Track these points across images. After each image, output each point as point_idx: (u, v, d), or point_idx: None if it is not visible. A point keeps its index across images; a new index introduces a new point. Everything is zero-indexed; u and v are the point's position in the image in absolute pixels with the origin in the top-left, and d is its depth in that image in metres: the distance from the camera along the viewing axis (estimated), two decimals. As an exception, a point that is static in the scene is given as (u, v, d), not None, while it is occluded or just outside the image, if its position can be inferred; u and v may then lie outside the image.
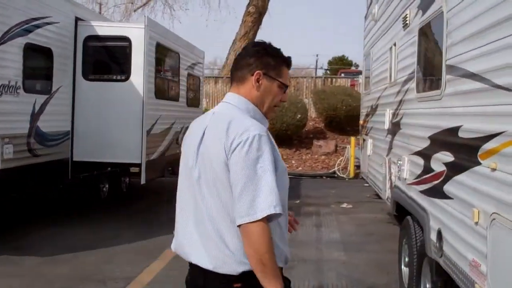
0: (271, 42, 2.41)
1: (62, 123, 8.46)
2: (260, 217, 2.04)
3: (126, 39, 8.74)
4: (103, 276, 6.04)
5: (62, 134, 8.43)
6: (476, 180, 3.10)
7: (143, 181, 8.77)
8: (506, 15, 2.76)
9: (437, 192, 3.97)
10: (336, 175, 15.29)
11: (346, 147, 16.06)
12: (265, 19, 21.88)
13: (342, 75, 23.34)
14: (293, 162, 16.34)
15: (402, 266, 5.65)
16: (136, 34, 8.69)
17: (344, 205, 10.71)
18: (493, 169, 2.83)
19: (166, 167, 10.52)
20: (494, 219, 2.81)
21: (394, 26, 6.17)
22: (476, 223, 3.08)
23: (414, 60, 4.92)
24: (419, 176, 4.59)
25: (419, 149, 4.62)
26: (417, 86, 4.82)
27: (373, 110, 7.74)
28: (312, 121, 18.05)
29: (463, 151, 3.38)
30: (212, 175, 2.21)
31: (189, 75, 11.82)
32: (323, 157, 16.59)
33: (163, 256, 6.94)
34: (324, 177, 15.19)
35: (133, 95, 8.70)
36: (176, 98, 10.88)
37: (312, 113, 18.13)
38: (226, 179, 2.16)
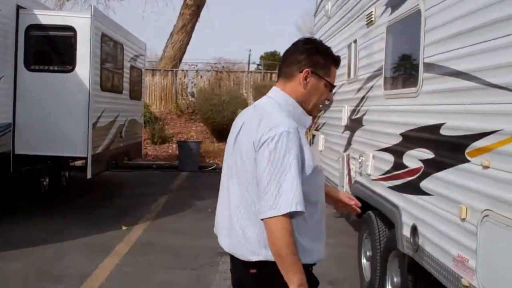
0: (322, 41, 2.43)
1: (2, 115, 8.04)
2: (281, 213, 2.11)
3: (71, 28, 8.42)
4: (57, 273, 5.81)
5: (3, 126, 8.01)
6: (464, 177, 3.16)
7: (89, 175, 8.50)
8: (494, 17, 2.83)
9: (411, 188, 4.02)
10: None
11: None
12: (203, 12, 21.68)
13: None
14: (233, 156, 16.27)
15: (363, 260, 5.74)
16: (81, 24, 8.39)
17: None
18: (486, 167, 2.89)
19: (110, 160, 10.23)
20: (487, 215, 2.86)
21: (354, 23, 6.22)
22: (463, 220, 3.14)
23: (381, 57, 4.97)
24: (388, 172, 4.65)
25: (387, 145, 4.67)
26: (385, 83, 4.88)
27: (326, 106, 7.79)
28: (252, 115, 18.04)
29: (446, 148, 3.44)
30: (242, 167, 2.31)
31: (132, 67, 11.53)
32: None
33: (115, 252, 6.77)
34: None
35: (79, 87, 8.41)
36: (120, 91, 10.60)
37: (251, 107, 18.11)
38: (253, 173, 2.25)
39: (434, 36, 3.70)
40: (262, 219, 2.17)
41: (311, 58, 2.36)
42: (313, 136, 9.04)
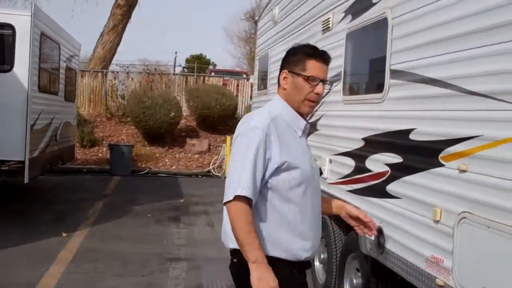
0: (306, 44, 2.56)
1: None
2: (230, 198, 2.35)
3: (9, 26, 8.06)
4: (2, 282, 5.52)
5: None
6: (438, 181, 3.27)
7: (26, 179, 8.16)
8: (471, 29, 2.97)
9: (376, 192, 4.12)
10: (211, 174, 15.33)
11: (220, 146, 16.18)
12: (135, 12, 21.30)
13: (213, 73, 23.45)
14: (167, 160, 16.12)
15: (316, 263, 5.83)
16: (21, 22, 8.07)
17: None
18: (463, 171, 3.00)
19: (46, 164, 9.85)
20: (464, 217, 2.98)
21: (307, 29, 6.31)
22: (437, 222, 3.25)
23: (339, 63, 5.06)
24: (347, 176, 4.74)
25: (347, 150, 4.77)
26: (344, 88, 4.98)
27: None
28: (184, 119, 17.91)
29: (417, 153, 3.55)
30: None
31: (67, 67, 11.17)
32: (196, 155, 16.55)
33: (59, 259, 6.57)
34: (200, 176, 15.16)
35: (16, 87, 8.09)
36: (56, 92, 10.26)
37: (184, 111, 17.96)
38: None
39: (402, 44, 3.82)
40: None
41: (286, 60, 2.62)
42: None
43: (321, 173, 2.93)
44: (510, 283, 2.61)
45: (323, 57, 2.60)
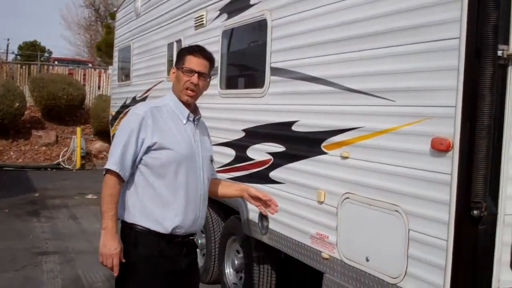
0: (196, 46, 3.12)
1: None
2: (104, 172, 2.80)
3: None
4: None
5: None
6: (321, 167, 3.72)
7: None
8: (347, 35, 3.45)
9: (259, 178, 4.50)
10: (61, 167, 14.86)
11: (70, 138, 15.69)
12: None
13: (56, 62, 22.42)
14: (12, 153, 15.29)
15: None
16: None
17: (89, 196, 10.62)
18: (345, 157, 3.48)
19: None
20: (347, 198, 3.45)
21: (176, 24, 6.50)
22: (321, 203, 3.70)
23: (216, 58, 5.34)
24: (228, 164, 5.08)
25: (227, 140, 5.10)
26: (221, 83, 5.29)
27: (138, 102, 7.94)
28: (29, 110, 17.04)
29: (300, 142, 3.97)
30: None
31: None
32: (44, 148, 15.89)
33: None
34: (49, 169, 14.63)
35: None
36: None
37: (28, 101, 17.05)
38: None
39: (282, 44, 4.21)
40: None
41: (176, 59, 3.05)
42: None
43: (212, 160, 3.21)
44: (388, 252, 3.11)
45: (202, 53, 2.99)
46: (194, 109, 3.05)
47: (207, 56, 3.00)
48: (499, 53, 2.62)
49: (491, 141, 2.62)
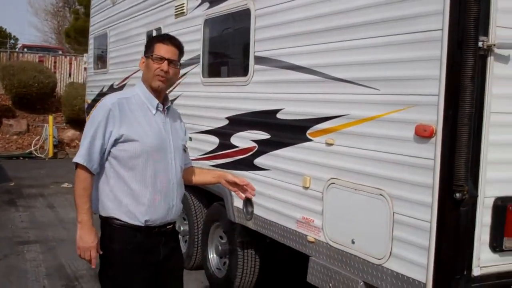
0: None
1: None
2: (74, 165, 2.81)
3: None
4: None
5: None
6: (306, 154, 3.84)
7: None
8: (332, 25, 3.57)
9: (243, 165, 4.61)
10: (33, 156, 14.72)
11: (41, 126, 15.53)
12: None
13: (25, 49, 22.02)
14: (-18, 142, 15.08)
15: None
16: None
17: (65, 185, 10.58)
18: (330, 144, 3.60)
19: None
20: (333, 183, 3.58)
21: (156, 12, 6.52)
22: (307, 188, 3.83)
23: (196, 47, 5.42)
24: (210, 152, 5.16)
25: (210, 128, 5.18)
26: (203, 71, 5.35)
27: (116, 90, 7.95)
28: (-2, 98, 16.79)
29: (285, 130, 4.08)
30: None
31: None
32: (15, 137, 15.70)
33: None
34: (22, 158, 14.48)
35: None
36: None
37: (-2, 89, 16.81)
38: None
39: (266, 33, 4.30)
40: None
41: (145, 48, 2.99)
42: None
43: (186, 150, 3.25)
44: (373, 234, 3.26)
45: (171, 41, 2.97)
46: (164, 99, 3.03)
47: (176, 44, 2.98)
48: (480, 44, 2.76)
49: (472, 128, 2.77)
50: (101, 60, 9.03)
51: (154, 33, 6.56)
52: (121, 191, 2.85)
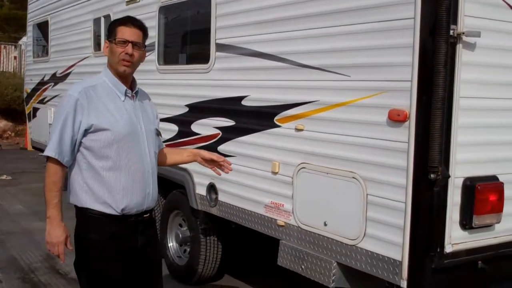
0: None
1: None
2: (46, 158, 2.78)
3: None
4: None
5: None
6: (274, 140, 3.90)
7: None
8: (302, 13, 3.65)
9: (206, 153, 4.61)
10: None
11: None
12: None
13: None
14: None
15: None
16: None
17: (4, 177, 10.21)
18: (300, 130, 3.68)
19: None
20: (303, 167, 3.66)
21: (102, -1, 6.39)
22: (275, 173, 3.90)
23: (152, 34, 5.29)
24: (170, 140, 5.13)
25: (167, 116, 5.14)
26: (159, 58, 5.30)
27: (60, 78, 7.73)
28: None
29: (251, 116, 4.12)
30: None
31: None
32: None
33: None
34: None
35: None
36: None
37: None
38: None
39: (228, 21, 4.32)
40: None
41: (107, 33, 2.97)
42: (35, 109, 8.78)
43: (159, 134, 3.20)
44: (346, 216, 3.37)
45: (133, 23, 2.90)
46: (131, 83, 2.97)
47: (139, 25, 2.91)
48: (451, 32, 2.89)
49: (445, 111, 2.91)
50: (41, 48, 8.73)
51: (103, 21, 6.44)
52: (95, 181, 2.81)
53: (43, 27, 8.45)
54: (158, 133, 3.14)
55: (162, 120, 5.14)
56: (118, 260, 2.87)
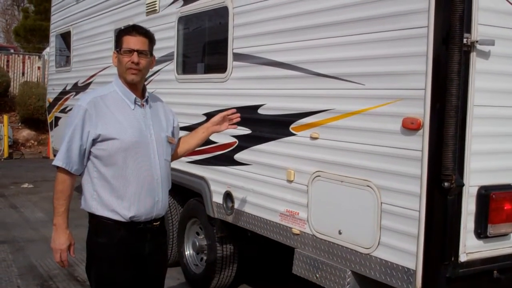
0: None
1: None
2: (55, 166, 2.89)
3: None
4: None
5: None
6: (290, 148, 3.91)
7: None
8: (315, 23, 3.67)
9: (223, 161, 4.66)
10: (-13, 156, 14.33)
11: (-4, 126, 15.11)
12: None
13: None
14: None
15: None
16: None
17: (25, 185, 10.36)
18: (315, 138, 3.69)
19: None
20: (318, 176, 3.68)
21: (125, 10, 6.49)
22: (291, 181, 3.91)
23: (170, 44, 5.43)
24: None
25: (186, 124, 5.16)
26: (178, 68, 5.37)
27: (81, 88, 7.85)
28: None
29: (266, 125, 4.15)
30: None
31: None
32: (-34, 137, 15.20)
33: None
34: (-25, 159, 14.08)
35: None
36: None
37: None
38: None
39: (245, 31, 4.36)
40: None
41: (114, 44, 3.09)
42: (59, 118, 8.92)
43: (170, 141, 3.21)
44: (360, 224, 3.37)
45: (138, 31, 2.93)
46: (142, 92, 3.01)
47: (144, 33, 2.95)
48: (464, 40, 2.89)
49: (458, 119, 2.90)
50: (63, 58, 8.89)
51: (123, 31, 6.53)
52: (104, 189, 2.89)
53: (65, 37, 8.61)
54: (172, 141, 3.16)
55: (182, 128, 5.22)
56: (125, 265, 2.94)
